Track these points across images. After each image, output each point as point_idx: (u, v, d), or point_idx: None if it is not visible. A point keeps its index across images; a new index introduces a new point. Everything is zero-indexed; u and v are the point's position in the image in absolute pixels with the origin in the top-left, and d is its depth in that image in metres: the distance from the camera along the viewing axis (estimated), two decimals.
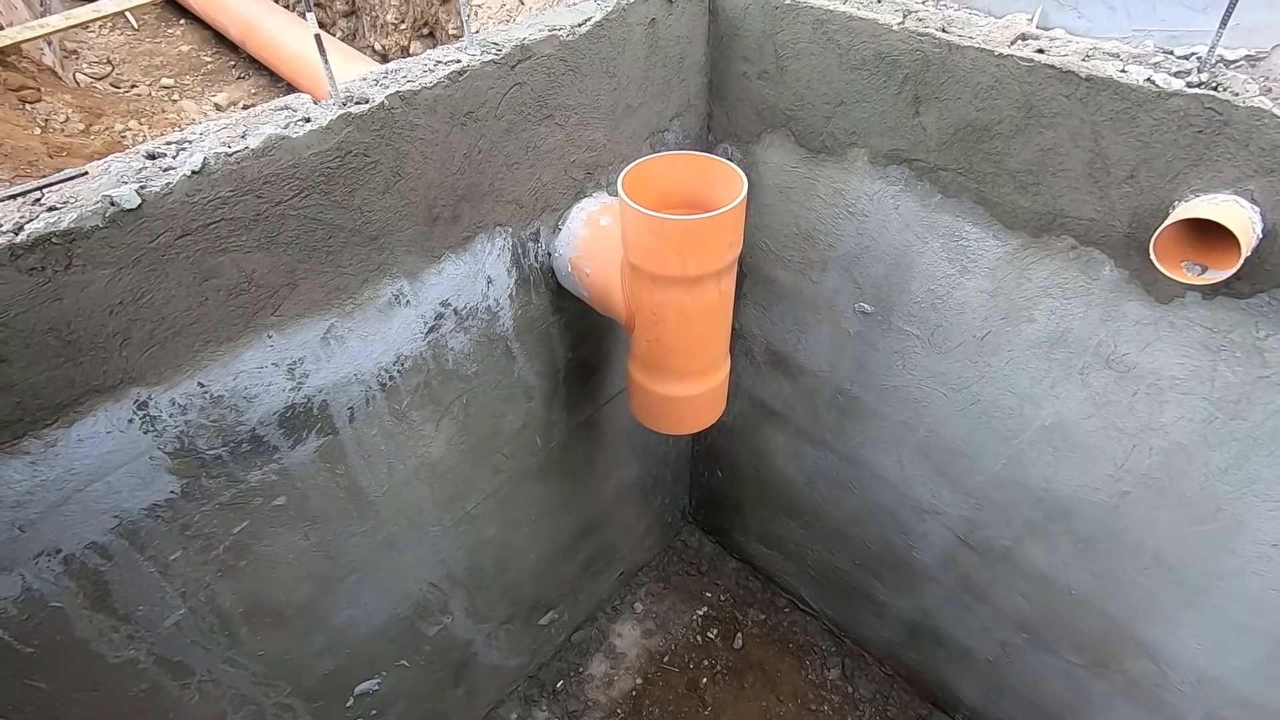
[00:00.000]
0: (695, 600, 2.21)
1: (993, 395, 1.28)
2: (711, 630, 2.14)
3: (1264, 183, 0.85)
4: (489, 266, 1.14)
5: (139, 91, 2.55)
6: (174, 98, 2.63)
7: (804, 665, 2.06)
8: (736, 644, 2.11)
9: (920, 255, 1.23)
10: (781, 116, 1.28)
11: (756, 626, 2.15)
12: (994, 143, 1.05)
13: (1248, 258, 0.88)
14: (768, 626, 2.15)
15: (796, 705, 1.98)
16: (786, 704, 1.98)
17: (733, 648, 2.10)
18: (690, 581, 2.26)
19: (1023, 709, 1.68)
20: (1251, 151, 0.84)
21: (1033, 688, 1.61)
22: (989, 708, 1.77)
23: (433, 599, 1.45)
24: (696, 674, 2.04)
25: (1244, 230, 0.84)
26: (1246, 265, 0.90)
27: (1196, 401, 1.04)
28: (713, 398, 1.20)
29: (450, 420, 1.24)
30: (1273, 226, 0.86)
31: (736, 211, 0.96)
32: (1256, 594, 1.12)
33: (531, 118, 1.06)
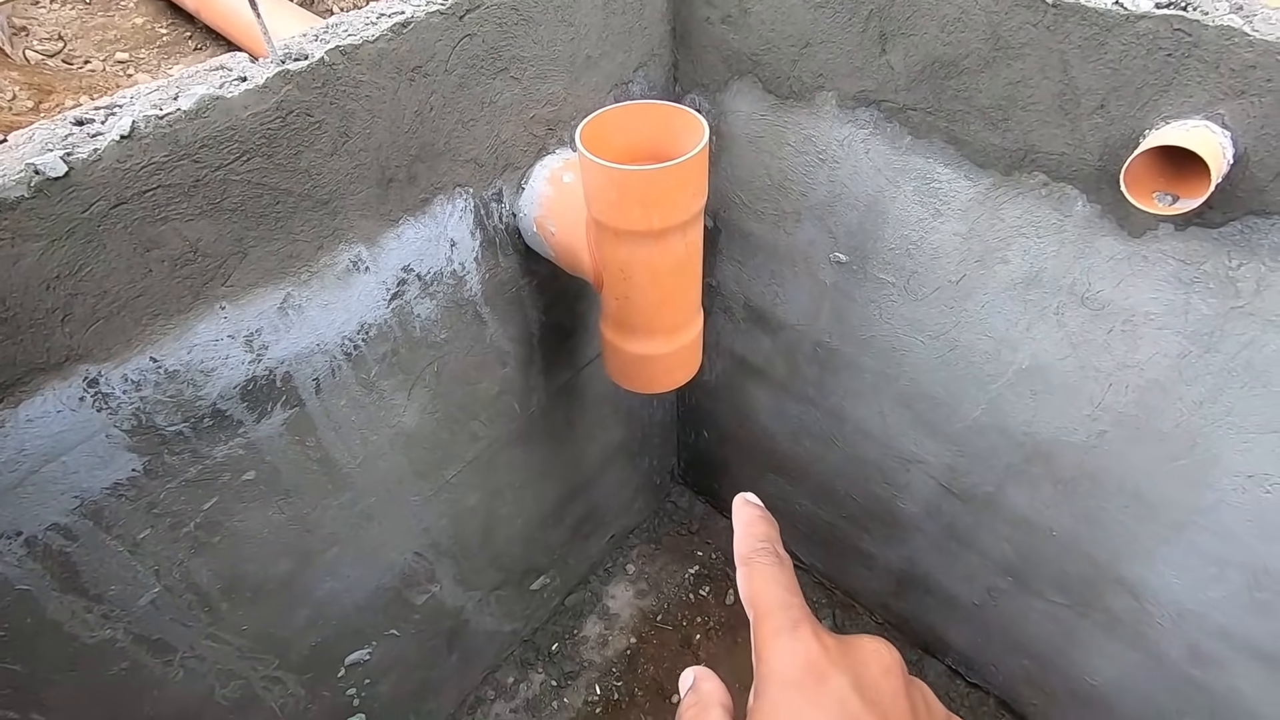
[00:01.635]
0: (687, 559, 2.23)
1: (970, 340, 1.26)
2: (704, 588, 2.17)
3: (1234, 105, 0.82)
4: (451, 229, 1.11)
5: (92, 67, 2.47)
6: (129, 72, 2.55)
7: None
8: (728, 600, 2.13)
9: (893, 200, 1.21)
10: (748, 62, 1.24)
11: None
12: (962, 79, 1.02)
13: (1219, 185, 0.86)
14: None
15: None
16: None
17: (725, 604, 2.12)
18: (681, 541, 2.28)
19: (1009, 651, 1.71)
20: (1221, 73, 0.81)
21: (1019, 630, 1.64)
22: (977, 651, 1.80)
23: (419, 568, 1.45)
24: (690, 631, 2.07)
25: (1214, 156, 0.82)
26: (1218, 193, 0.88)
27: (1171, 336, 1.03)
28: (686, 355, 1.19)
29: (422, 389, 1.22)
30: (1243, 151, 0.84)
31: (698, 160, 0.93)
32: (1232, 526, 1.12)
33: (485, 71, 1.02)
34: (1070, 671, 1.59)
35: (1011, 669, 1.74)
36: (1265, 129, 0.81)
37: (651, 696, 1.94)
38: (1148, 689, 1.46)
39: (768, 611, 0.38)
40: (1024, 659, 1.69)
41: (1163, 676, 1.41)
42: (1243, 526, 1.11)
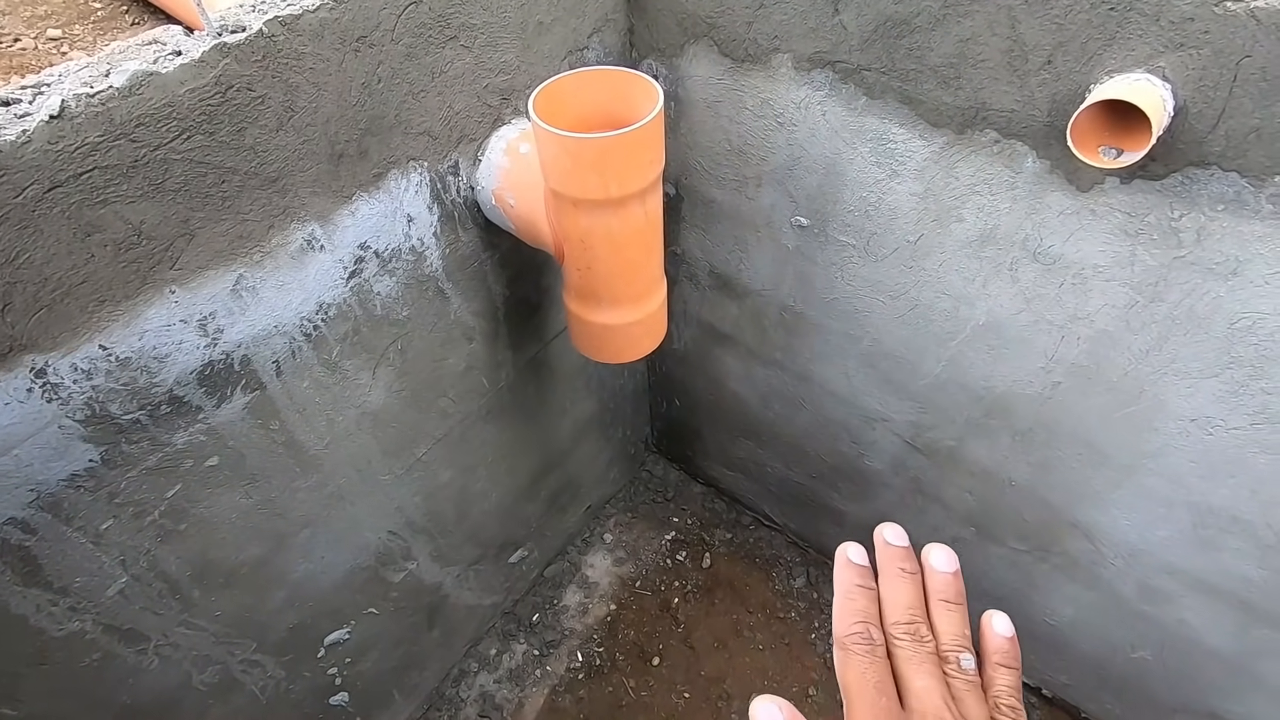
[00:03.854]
0: (663, 526, 2.27)
1: (929, 299, 1.29)
2: (681, 553, 2.20)
3: (1174, 58, 0.84)
4: (407, 204, 1.09)
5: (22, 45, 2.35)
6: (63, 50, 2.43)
7: (771, 577, 2.14)
8: (705, 563, 2.17)
9: (850, 162, 1.21)
10: (703, 25, 1.23)
11: (724, 545, 2.21)
12: (914, 37, 1.02)
13: (1160, 137, 0.88)
14: (734, 544, 2.21)
15: (765, 614, 2.06)
16: (755, 614, 2.06)
17: (702, 567, 2.17)
18: (657, 509, 2.31)
19: (975, 598, 1.76)
20: (1162, 26, 0.83)
21: (983, 577, 1.70)
22: None
23: (394, 547, 1.45)
24: (668, 595, 2.11)
25: (1155, 109, 0.84)
26: (1160, 145, 0.90)
27: (1118, 288, 1.06)
28: (651, 323, 1.19)
29: (387, 367, 1.21)
30: (1183, 103, 0.86)
31: (653, 126, 0.93)
32: (1178, 468, 1.17)
33: (433, 40, 1.00)
34: (1031, 614, 1.66)
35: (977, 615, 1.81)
36: (1203, 81, 0.83)
37: (632, 660, 1.98)
38: (1103, 626, 1.53)
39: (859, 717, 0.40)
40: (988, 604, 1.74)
41: (1116, 613, 1.48)
42: (1187, 468, 1.16)
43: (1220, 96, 0.83)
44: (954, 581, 0.47)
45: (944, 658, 0.43)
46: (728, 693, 1.91)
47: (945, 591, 0.47)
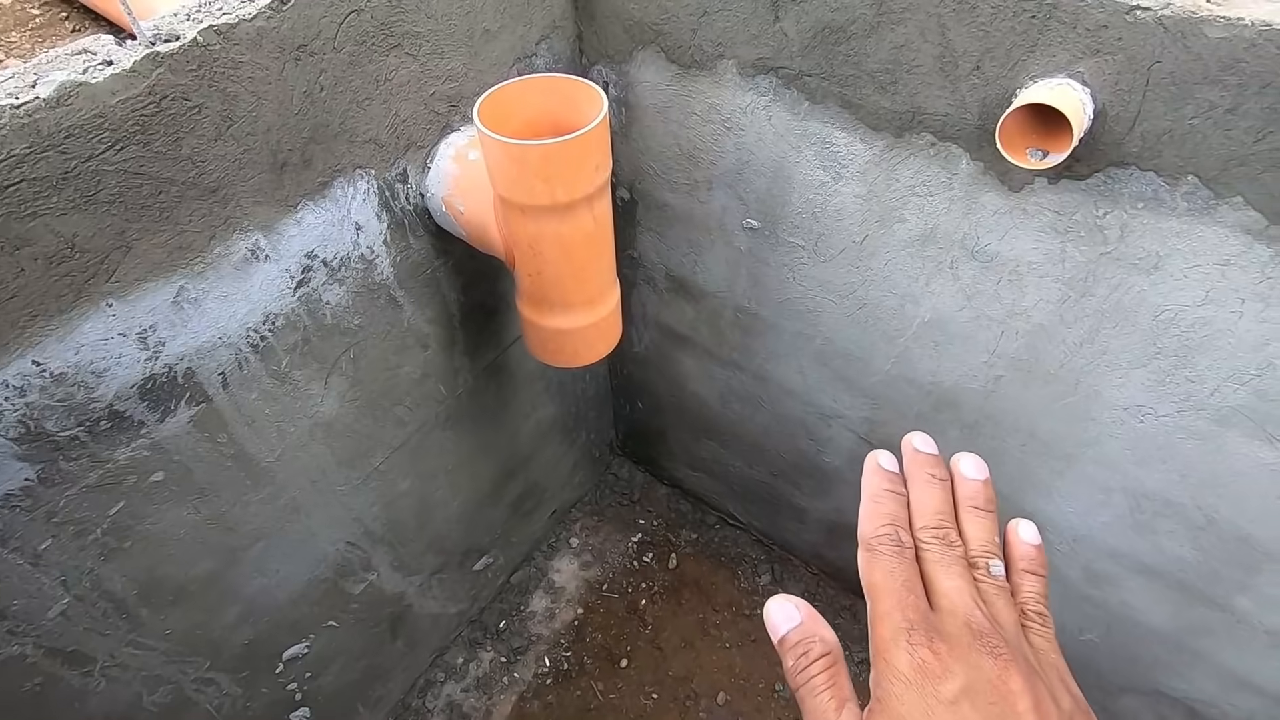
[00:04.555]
0: (629, 528, 2.28)
1: (876, 298, 1.32)
2: (647, 554, 2.22)
3: (1092, 64, 0.88)
4: (355, 212, 1.08)
5: None
6: None
7: (736, 575, 2.16)
8: (671, 564, 2.19)
9: (796, 165, 1.24)
10: (650, 32, 1.25)
11: (690, 545, 2.23)
12: (851, 43, 1.05)
13: (1082, 139, 0.92)
14: (700, 544, 2.23)
15: (731, 612, 2.08)
16: (722, 612, 2.08)
17: (668, 568, 2.18)
18: (623, 511, 2.32)
19: None
20: (1079, 33, 0.87)
21: None
22: None
23: (353, 558, 1.44)
24: (635, 597, 2.12)
25: (1075, 112, 0.87)
26: (1082, 147, 0.94)
27: (1051, 283, 1.10)
28: (605, 326, 1.20)
29: (340, 376, 1.20)
30: (1102, 106, 0.90)
31: (597, 132, 0.94)
32: (1114, 456, 1.22)
33: (377, 48, 1.00)
34: None
35: None
36: (1119, 85, 0.87)
37: (601, 663, 1.98)
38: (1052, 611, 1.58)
39: (886, 613, 0.39)
40: None
41: (1064, 598, 1.53)
42: (1122, 455, 1.21)
43: (1135, 100, 0.87)
44: (984, 489, 0.47)
45: (973, 563, 0.43)
46: (695, 691, 1.93)
47: (975, 498, 0.46)
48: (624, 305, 1.83)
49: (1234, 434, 1.07)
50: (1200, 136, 0.86)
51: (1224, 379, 1.03)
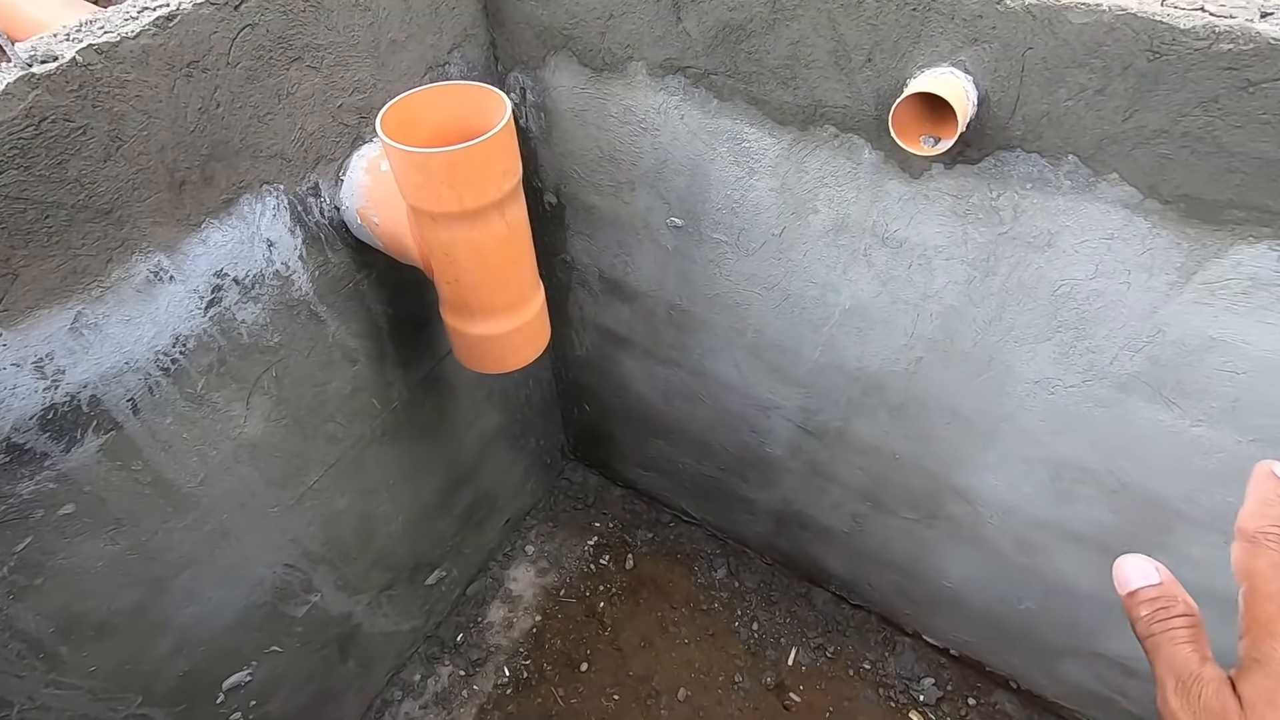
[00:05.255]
0: (585, 532, 2.28)
1: (799, 288, 1.35)
2: (604, 557, 2.22)
3: (972, 52, 0.92)
4: (265, 229, 1.07)
5: None
6: None
7: (693, 571, 2.18)
8: (628, 565, 2.20)
9: (712, 162, 1.26)
10: (560, 37, 1.26)
11: (645, 545, 2.24)
12: (751, 41, 1.07)
13: (969, 124, 0.96)
14: (656, 543, 2.24)
15: (690, 608, 2.10)
16: (680, 609, 2.10)
17: (625, 569, 2.19)
18: (578, 515, 2.32)
19: (879, 568, 1.86)
20: (957, 24, 0.90)
21: (883, 548, 1.78)
22: (853, 573, 1.95)
23: (292, 580, 1.41)
24: (593, 600, 2.12)
25: (959, 99, 0.91)
26: (971, 132, 0.98)
27: (958, 265, 1.14)
28: (530, 330, 1.21)
29: (263, 396, 1.18)
30: (985, 93, 0.94)
31: (501, 137, 0.95)
32: (1030, 428, 1.27)
33: (276, 62, 0.99)
34: (929, 578, 1.75)
35: (884, 585, 1.90)
36: (998, 72, 0.91)
37: (561, 668, 1.98)
38: (991, 582, 1.63)
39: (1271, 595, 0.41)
40: (892, 574, 1.84)
41: (1000, 568, 1.58)
42: (1038, 426, 1.26)
43: (1014, 85, 0.91)
44: None
45: None
46: (656, 690, 1.94)
47: None
48: (561, 309, 1.84)
49: (1135, 399, 1.12)
50: (1075, 117, 0.90)
51: (1120, 347, 1.08)
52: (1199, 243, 0.92)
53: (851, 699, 1.92)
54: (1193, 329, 1.00)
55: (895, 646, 1.99)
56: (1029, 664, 1.78)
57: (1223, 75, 0.79)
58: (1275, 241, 0.88)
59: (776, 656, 2.00)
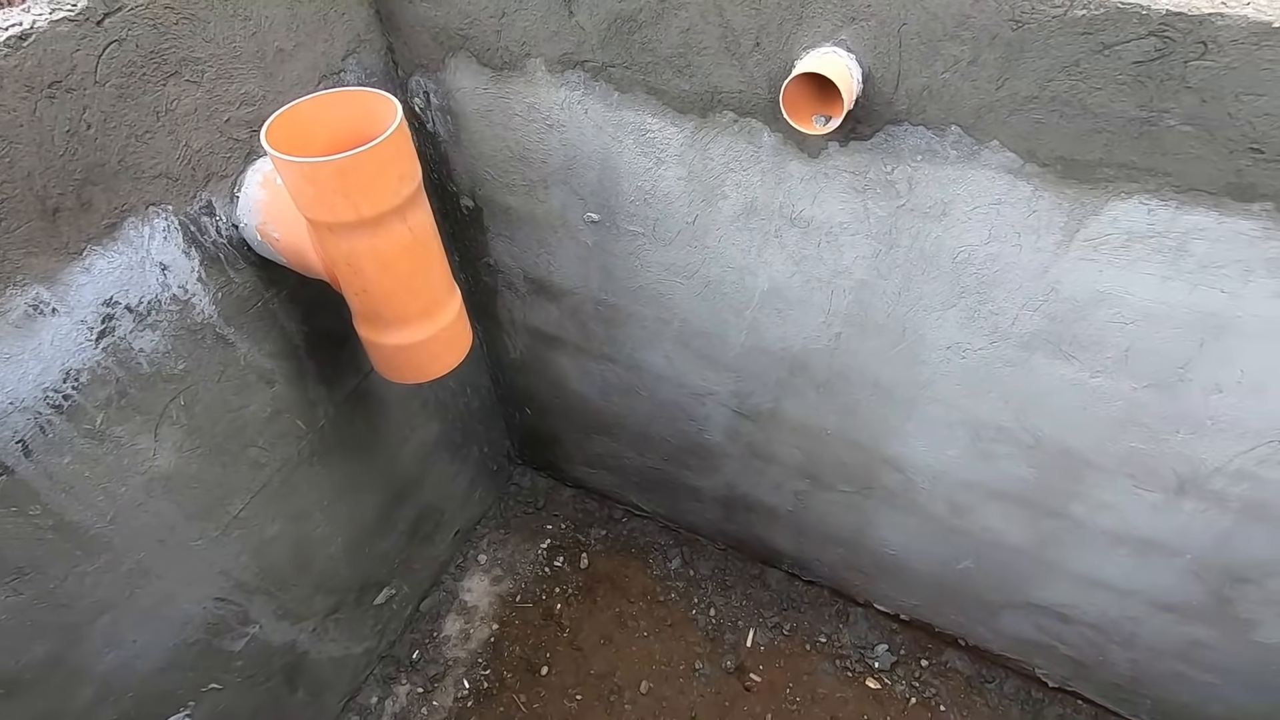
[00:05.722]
0: (538, 536, 2.26)
1: (718, 274, 1.37)
2: (558, 559, 2.21)
3: (852, 30, 0.94)
4: (156, 252, 1.03)
5: None
6: None
7: (648, 564, 2.18)
8: (583, 564, 2.19)
9: (620, 155, 1.26)
10: (457, 38, 1.24)
11: (599, 543, 2.24)
12: (643, 32, 1.08)
13: (858, 100, 0.99)
14: (609, 540, 2.24)
15: (647, 601, 2.11)
16: (637, 603, 2.10)
17: (580, 568, 2.18)
18: (530, 519, 2.30)
19: (825, 543, 1.89)
20: (835, 3, 0.92)
21: (826, 523, 1.82)
22: (802, 550, 1.98)
23: (226, 614, 1.37)
24: (550, 603, 2.11)
25: (843, 77, 0.93)
26: (859, 109, 1.00)
27: (863, 240, 1.17)
28: (448, 337, 1.19)
29: (172, 426, 1.14)
30: (869, 70, 0.96)
31: (393, 142, 0.93)
32: (947, 393, 1.31)
33: (150, 78, 0.95)
34: (873, 548, 1.80)
35: (831, 559, 1.94)
36: (878, 48, 0.94)
37: (521, 675, 1.96)
38: (929, 546, 1.68)
39: None
40: (838, 547, 1.88)
41: (936, 532, 1.63)
42: (954, 391, 1.30)
43: (894, 61, 0.94)
44: None
45: None
46: (618, 685, 1.94)
47: None
48: (490, 313, 1.83)
49: (1038, 356, 1.17)
50: (953, 89, 0.93)
51: (1020, 308, 1.12)
52: (1078, 202, 0.97)
53: (810, 673, 1.95)
54: (1082, 285, 1.05)
55: (848, 617, 2.04)
56: (974, 620, 1.84)
57: (1080, 40, 0.83)
58: (1145, 196, 0.92)
59: (735, 639, 2.02)
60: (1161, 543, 1.33)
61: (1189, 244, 0.94)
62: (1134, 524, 1.33)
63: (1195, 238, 0.93)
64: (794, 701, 1.91)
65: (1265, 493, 1.15)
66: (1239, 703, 1.56)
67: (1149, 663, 1.61)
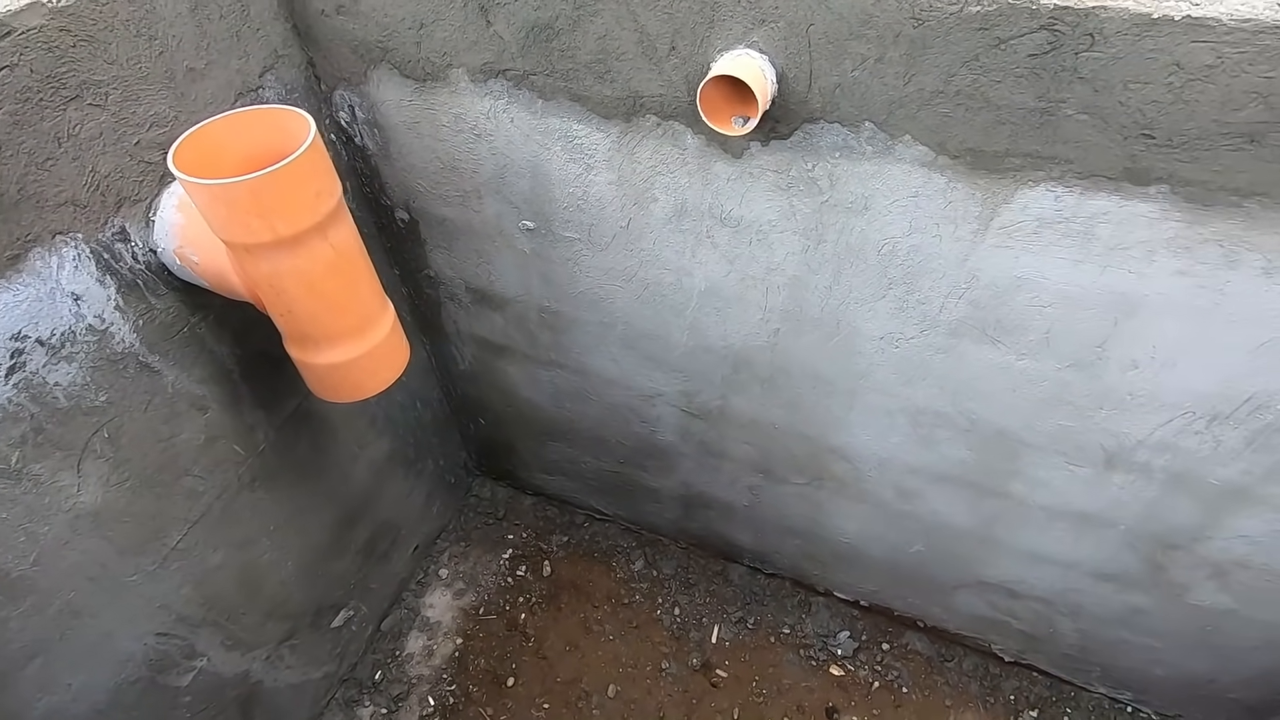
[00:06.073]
0: (499, 546, 2.25)
1: (656, 276, 1.37)
2: (521, 568, 2.20)
3: (763, 32, 0.95)
4: (67, 282, 1.00)
5: None
6: None
7: (611, 567, 2.18)
8: (546, 571, 2.18)
9: (549, 162, 1.26)
10: (377, 50, 1.23)
11: (561, 549, 2.23)
12: (562, 39, 1.08)
13: (774, 101, 1.00)
14: (572, 545, 2.24)
15: (612, 604, 2.11)
16: (602, 607, 2.10)
17: (543, 576, 2.17)
18: (490, 530, 2.29)
19: (782, 535, 1.91)
20: (745, 6, 0.94)
21: (782, 516, 1.84)
22: (761, 544, 2.01)
23: (169, 649, 1.33)
24: (514, 613, 2.09)
25: (756, 78, 0.94)
26: (776, 109, 1.02)
27: (792, 236, 1.18)
28: (382, 353, 1.17)
29: (97, 461, 1.10)
30: (783, 70, 0.98)
31: (308, 158, 0.91)
32: (885, 382, 1.34)
33: (48, 104, 0.92)
34: (828, 537, 1.82)
35: (790, 550, 1.96)
36: (789, 49, 0.95)
37: (487, 687, 1.95)
38: (882, 532, 1.71)
39: None
40: (795, 539, 1.90)
41: (886, 518, 1.66)
42: (891, 379, 1.33)
43: (805, 60, 0.96)
44: None
45: None
46: (585, 691, 1.94)
47: None
48: (436, 325, 1.81)
49: (966, 342, 1.20)
50: (864, 86, 0.95)
51: (945, 296, 1.15)
52: (989, 191, 0.99)
53: (775, 665, 1.97)
54: (1000, 271, 1.08)
55: (810, 607, 2.07)
56: (930, 602, 1.88)
57: (977, 35, 0.85)
58: (1050, 183, 0.95)
59: (700, 637, 2.03)
60: (1096, 515, 1.38)
61: (1095, 228, 0.97)
62: (1069, 499, 1.38)
63: (1100, 221, 0.96)
64: (760, 694, 1.92)
65: (1185, 462, 1.20)
66: (1179, 663, 1.62)
67: (1095, 631, 1.66)
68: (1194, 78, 0.80)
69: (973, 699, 1.90)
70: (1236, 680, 1.59)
